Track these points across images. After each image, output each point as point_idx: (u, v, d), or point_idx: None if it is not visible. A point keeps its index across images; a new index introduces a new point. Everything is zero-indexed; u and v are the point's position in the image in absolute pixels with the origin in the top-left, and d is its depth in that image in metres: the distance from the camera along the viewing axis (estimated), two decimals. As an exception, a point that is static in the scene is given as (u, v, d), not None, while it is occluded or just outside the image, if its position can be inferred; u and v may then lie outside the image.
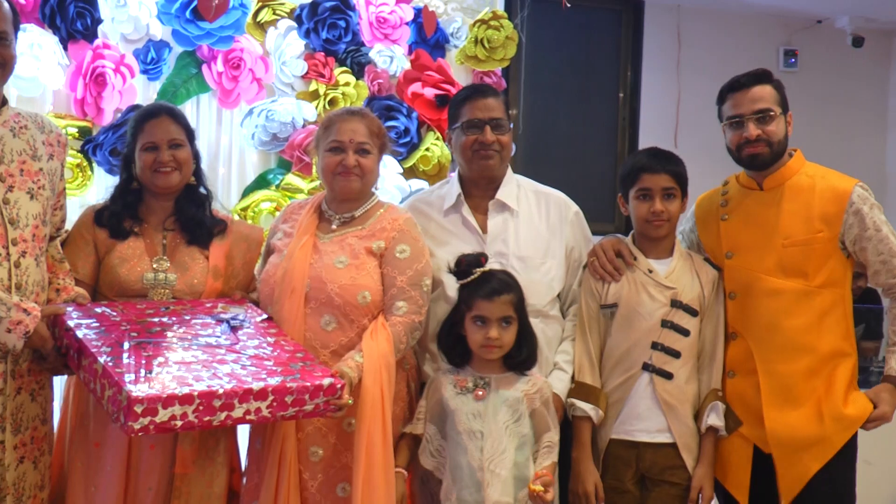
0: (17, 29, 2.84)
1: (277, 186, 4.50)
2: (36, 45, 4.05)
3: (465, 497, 2.87)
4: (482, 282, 2.95)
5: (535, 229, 3.26)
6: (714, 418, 3.08)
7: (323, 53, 4.59)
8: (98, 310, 2.82)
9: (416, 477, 3.08)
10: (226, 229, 3.15)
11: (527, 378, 2.98)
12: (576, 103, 5.94)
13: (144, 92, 4.36)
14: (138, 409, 2.37)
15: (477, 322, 2.94)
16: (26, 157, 2.82)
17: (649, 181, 3.13)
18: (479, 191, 3.28)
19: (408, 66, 4.76)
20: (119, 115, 4.24)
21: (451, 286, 3.10)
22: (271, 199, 4.44)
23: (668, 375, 3.08)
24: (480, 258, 3.00)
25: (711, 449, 3.11)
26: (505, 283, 2.96)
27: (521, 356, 2.97)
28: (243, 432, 3.12)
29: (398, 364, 2.96)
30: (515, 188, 3.30)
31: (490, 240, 3.21)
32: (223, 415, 2.50)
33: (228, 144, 4.56)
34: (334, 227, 3.08)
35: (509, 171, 3.32)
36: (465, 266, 2.99)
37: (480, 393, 2.94)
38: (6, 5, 2.79)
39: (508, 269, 3.08)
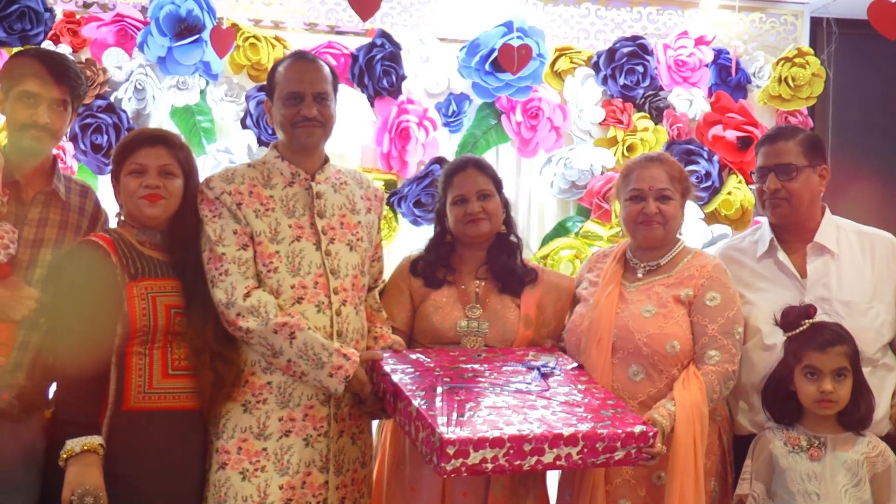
0: (335, 90, 3.00)
1: (577, 234, 4.53)
2: (346, 103, 4.29)
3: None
4: (813, 333, 2.82)
5: (859, 272, 3.08)
6: None
7: (620, 99, 4.59)
8: (413, 356, 2.91)
9: None
10: (536, 278, 3.17)
11: (866, 440, 2.80)
12: (889, 140, 5.58)
13: (446, 144, 4.52)
14: (450, 450, 2.42)
15: (808, 374, 2.79)
16: (346, 210, 2.97)
17: None
18: (792, 235, 3.15)
19: (708, 108, 4.68)
20: (422, 167, 4.41)
21: (769, 334, 3.00)
22: (571, 247, 4.46)
23: None
24: (809, 309, 2.87)
25: None
26: (838, 335, 2.82)
27: (859, 413, 2.80)
28: (552, 481, 3.11)
29: (710, 415, 2.86)
30: (835, 230, 3.14)
31: (810, 284, 3.06)
32: (533, 459, 2.50)
33: (528, 193, 4.65)
34: (640, 275, 3.04)
35: (827, 212, 3.17)
36: (792, 317, 2.87)
37: (816, 454, 2.79)
38: (327, 69, 2.97)
39: (832, 315, 2.94)
